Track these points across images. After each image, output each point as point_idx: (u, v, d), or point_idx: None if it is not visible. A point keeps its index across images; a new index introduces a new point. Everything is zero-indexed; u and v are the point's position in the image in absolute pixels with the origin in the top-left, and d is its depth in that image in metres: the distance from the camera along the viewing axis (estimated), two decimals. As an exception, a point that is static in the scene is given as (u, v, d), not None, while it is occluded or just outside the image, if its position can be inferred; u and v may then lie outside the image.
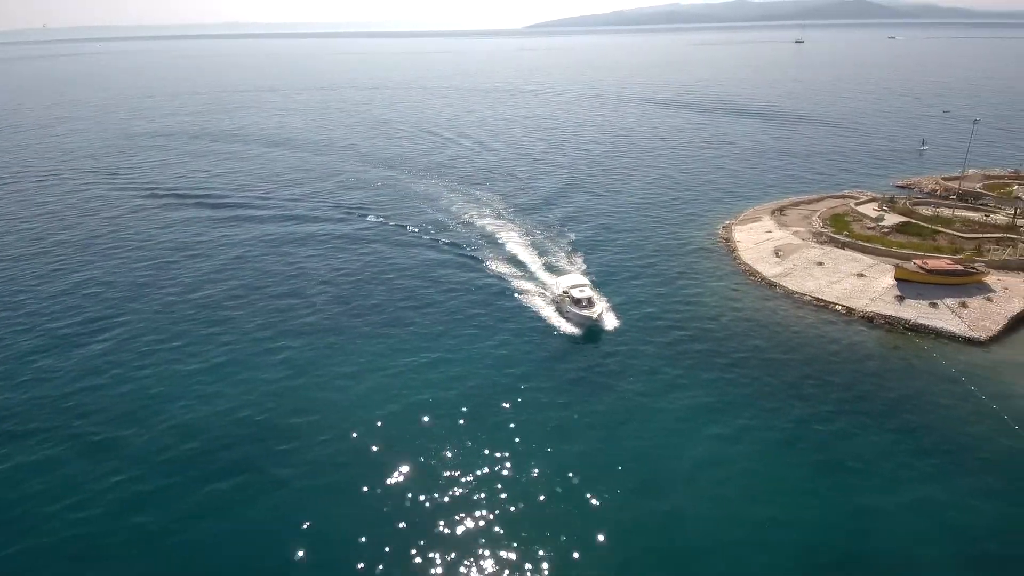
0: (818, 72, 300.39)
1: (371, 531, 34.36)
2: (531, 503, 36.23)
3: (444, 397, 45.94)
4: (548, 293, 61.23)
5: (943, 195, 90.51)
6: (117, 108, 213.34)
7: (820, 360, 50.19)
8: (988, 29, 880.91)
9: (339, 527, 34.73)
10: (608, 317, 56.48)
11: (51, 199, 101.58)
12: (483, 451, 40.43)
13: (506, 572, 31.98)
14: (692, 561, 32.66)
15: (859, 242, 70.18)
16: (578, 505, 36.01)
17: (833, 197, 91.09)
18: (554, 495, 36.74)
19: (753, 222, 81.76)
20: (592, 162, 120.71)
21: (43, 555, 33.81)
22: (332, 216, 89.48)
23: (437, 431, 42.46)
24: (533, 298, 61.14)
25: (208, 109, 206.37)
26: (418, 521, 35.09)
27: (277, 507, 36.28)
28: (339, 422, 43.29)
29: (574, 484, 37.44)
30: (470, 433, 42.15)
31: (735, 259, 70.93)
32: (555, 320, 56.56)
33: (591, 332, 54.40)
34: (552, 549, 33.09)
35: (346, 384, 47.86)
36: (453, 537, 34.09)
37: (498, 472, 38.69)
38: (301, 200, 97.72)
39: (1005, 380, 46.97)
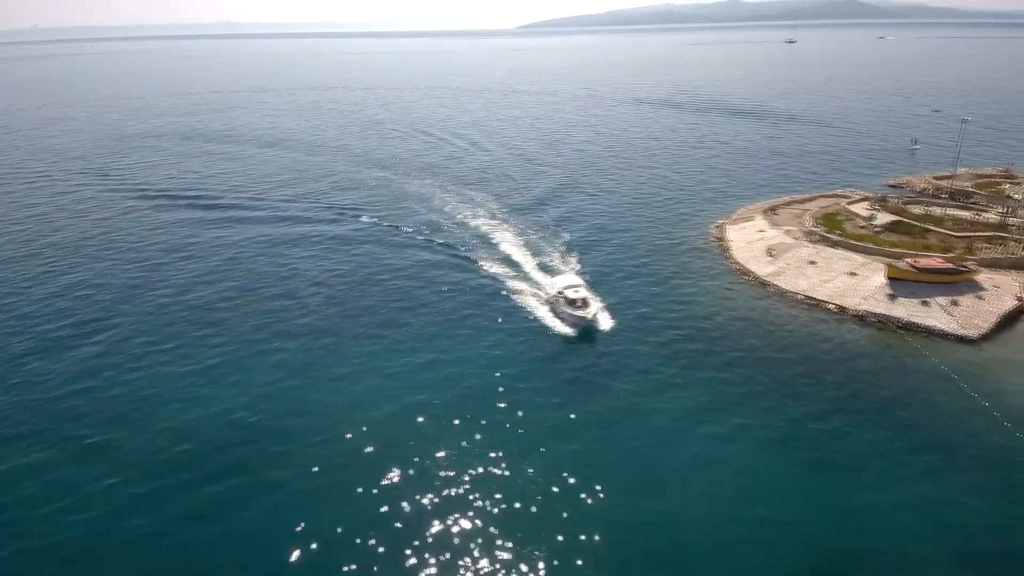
0: (810, 72, 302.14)
1: (366, 532, 34.30)
2: (526, 503, 36.23)
3: (439, 398, 45.89)
4: (542, 293, 61.25)
5: (934, 194, 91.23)
6: (109, 109, 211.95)
7: (813, 359, 50.47)
8: (978, 29, 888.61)
9: (334, 528, 34.64)
10: (602, 317, 56.56)
11: (42, 200, 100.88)
12: (478, 451, 40.41)
13: (502, 572, 31.98)
14: (688, 560, 32.77)
15: (851, 241, 70.63)
16: (574, 505, 36.06)
17: (825, 196, 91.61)
18: (549, 495, 36.77)
19: (746, 221, 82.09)
20: (586, 162, 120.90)
21: (36, 558, 33.57)
22: (325, 217, 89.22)
23: (432, 432, 42.41)
24: (527, 298, 61.14)
25: (200, 109, 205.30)
26: (413, 522, 35.05)
27: (271, 509, 36.15)
28: (333, 423, 43.18)
29: (569, 484, 37.48)
30: (465, 434, 42.11)
31: (728, 258, 71.20)
32: (550, 320, 56.60)
33: (586, 332, 54.46)
34: (548, 549, 33.12)
35: (340, 385, 47.74)
36: (448, 538, 34.07)
37: (493, 472, 38.67)
38: (294, 201, 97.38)
39: (996, 377, 47.40)
